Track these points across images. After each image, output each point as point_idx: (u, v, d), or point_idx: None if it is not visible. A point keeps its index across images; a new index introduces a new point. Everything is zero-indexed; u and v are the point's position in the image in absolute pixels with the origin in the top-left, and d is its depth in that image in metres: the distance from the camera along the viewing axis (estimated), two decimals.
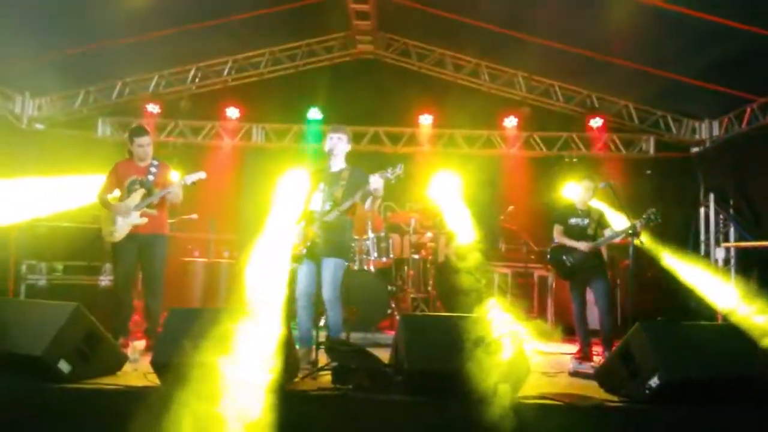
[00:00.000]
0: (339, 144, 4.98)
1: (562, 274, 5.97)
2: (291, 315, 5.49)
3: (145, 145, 5.46)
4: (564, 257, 5.87)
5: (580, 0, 6.35)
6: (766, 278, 6.65)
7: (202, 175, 5.54)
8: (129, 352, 4.46)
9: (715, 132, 8.39)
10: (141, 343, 5.19)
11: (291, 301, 5.02)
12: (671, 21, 6.10)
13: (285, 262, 5.51)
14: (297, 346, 4.45)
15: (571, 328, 6.35)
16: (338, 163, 5.04)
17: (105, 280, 6.48)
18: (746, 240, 7.44)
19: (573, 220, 5.94)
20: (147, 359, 3.90)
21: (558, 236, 5.99)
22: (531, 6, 6.83)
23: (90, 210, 6.66)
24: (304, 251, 4.80)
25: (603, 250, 6.05)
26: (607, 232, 5.77)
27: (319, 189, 4.89)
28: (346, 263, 4.94)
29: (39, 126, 8.70)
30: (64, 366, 3.67)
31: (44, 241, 6.50)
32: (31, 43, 6.85)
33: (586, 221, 5.88)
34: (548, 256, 6.18)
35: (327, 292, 4.69)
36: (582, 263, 5.73)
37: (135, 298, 5.75)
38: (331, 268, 4.71)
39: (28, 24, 6.44)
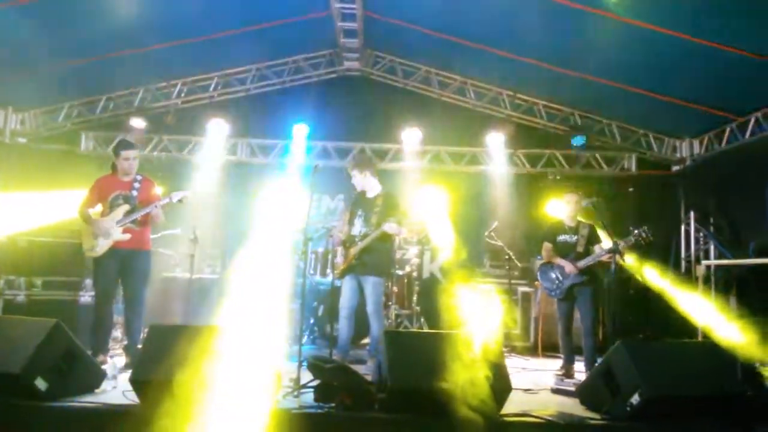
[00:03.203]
0: (357, 179, 5.73)
1: (551, 292, 5.92)
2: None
3: (132, 158, 5.44)
4: (553, 275, 5.86)
5: (564, 20, 6.44)
6: (745, 296, 6.72)
7: (187, 193, 5.56)
8: (108, 369, 4.40)
9: (696, 150, 8.53)
10: (120, 360, 5.12)
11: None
12: (653, 42, 6.22)
13: (275, 275, 5.78)
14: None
15: (554, 344, 6.37)
16: (372, 190, 5.73)
17: (85, 296, 6.40)
18: (726, 257, 7.53)
19: (561, 237, 5.93)
20: (126, 377, 3.84)
21: (546, 254, 5.98)
22: (516, 25, 6.92)
23: (70, 225, 6.58)
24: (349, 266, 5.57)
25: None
26: (596, 249, 5.77)
27: (358, 215, 5.67)
28: (383, 279, 5.72)
29: (21, 140, 8.63)
30: (41, 384, 3.61)
31: (23, 255, 6.42)
32: (15, 57, 6.82)
33: (575, 238, 5.85)
34: (537, 273, 6.17)
35: (369, 306, 5.48)
36: (571, 281, 5.71)
37: (115, 314, 5.68)
38: (370, 286, 5.48)
39: (12, 38, 6.41)
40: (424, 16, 7.47)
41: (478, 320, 6.38)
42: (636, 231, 5.41)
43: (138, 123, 8.63)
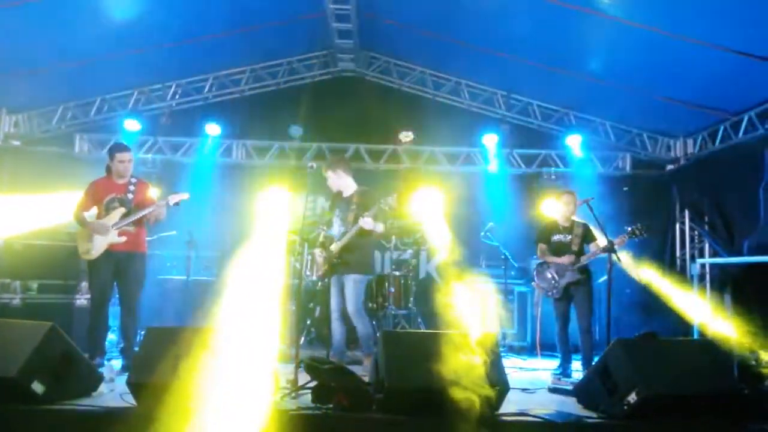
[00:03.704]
0: (332, 180, 5.61)
1: (548, 292, 5.95)
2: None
3: (127, 161, 5.43)
4: (549, 274, 5.88)
5: (558, 21, 6.46)
6: (740, 294, 6.75)
7: (185, 196, 5.54)
8: (105, 372, 4.38)
9: (690, 149, 8.57)
10: (117, 363, 5.11)
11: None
12: (646, 42, 6.25)
13: (271, 277, 5.77)
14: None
15: (551, 344, 6.38)
16: (348, 189, 5.62)
17: (81, 299, 6.38)
18: (721, 256, 7.56)
19: (556, 237, 5.96)
20: (123, 379, 3.83)
21: (541, 254, 6.00)
22: (509, 26, 6.94)
23: (65, 228, 6.56)
24: (331, 266, 5.47)
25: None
26: (591, 248, 5.80)
27: (335, 215, 5.61)
28: (367, 277, 5.58)
29: (15, 142, 8.57)
30: (37, 387, 3.60)
31: (18, 259, 6.39)
32: (9, 58, 6.79)
33: (569, 237, 5.90)
34: (534, 273, 6.19)
35: (349, 306, 5.34)
36: (567, 280, 5.74)
37: (111, 317, 5.66)
38: (350, 284, 5.34)
39: (5, 40, 6.39)
40: (418, 16, 7.48)
41: (475, 320, 6.39)
42: (629, 228, 5.46)
43: (132, 125, 8.61)
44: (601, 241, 5.69)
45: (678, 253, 8.48)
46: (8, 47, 6.53)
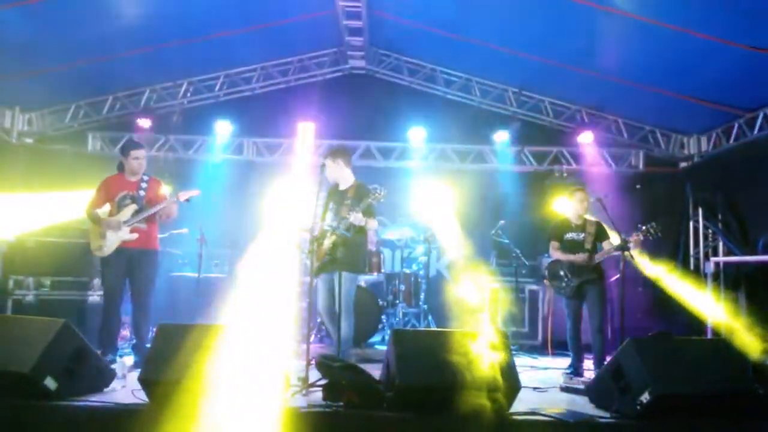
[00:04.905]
0: (331, 169, 5.31)
1: (560, 290, 5.89)
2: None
3: (141, 158, 5.47)
4: (561, 272, 5.82)
5: (570, 17, 6.41)
6: (754, 292, 6.68)
7: (195, 192, 5.55)
8: (117, 368, 4.41)
9: (704, 147, 8.48)
10: (129, 360, 5.14)
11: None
12: (660, 38, 6.19)
13: (282, 274, 5.69)
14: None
15: (563, 342, 6.35)
16: (345, 182, 5.38)
17: (93, 296, 6.42)
18: (735, 254, 7.49)
19: (569, 235, 5.88)
20: (135, 376, 3.85)
21: (554, 252, 5.94)
22: (521, 22, 6.90)
23: (78, 225, 6.61)
24: (322, 264, 5.16)
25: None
26: (604, 246, 5.74)
27: (330, 208, 5.38)
28: (359, 276, 5.36)
29: (28, 140, 8.66)
30: (50, 383, 3.62)
31: (32, 256, 6.43)
32: (22, 57, 6.85)
33: (582, 235, 5.82)
34: (546, 272, 6.13)
35: (342, 304, 5.00)
36: (580, 278, 5.70)
37: (123, 314, 5.69)
38: (343, 282, 5.01)
39: (19, 39, 6.44)
40: (428, 13, 7.45)
41: (486, 318, 6.37)
42: (643, 227, 5.40)
43: (144, 123, 8.66)
44: (614, 239, 5.63)
45: (692, 252, 8.41)
46: (21, 46, 6.58)
